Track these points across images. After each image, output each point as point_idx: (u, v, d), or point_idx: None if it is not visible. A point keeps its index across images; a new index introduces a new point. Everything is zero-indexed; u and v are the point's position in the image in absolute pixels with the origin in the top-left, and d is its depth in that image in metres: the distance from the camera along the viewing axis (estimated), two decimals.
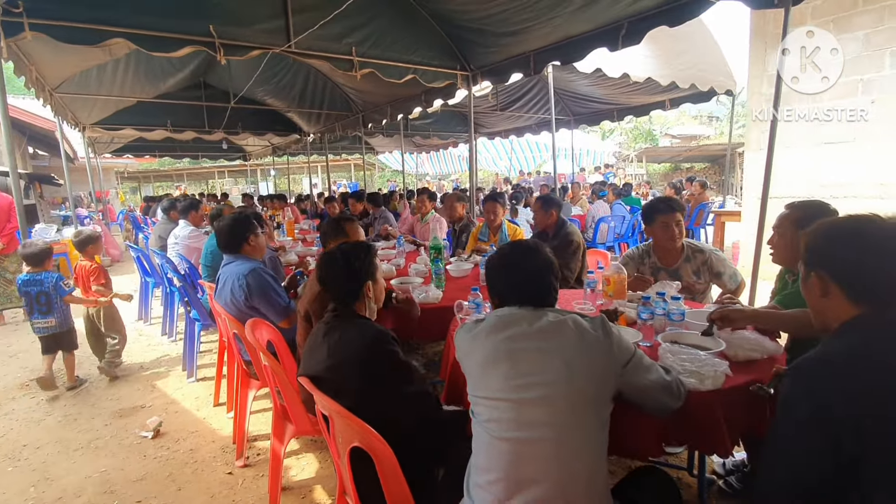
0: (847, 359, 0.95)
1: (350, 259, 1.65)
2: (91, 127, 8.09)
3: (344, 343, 1.48)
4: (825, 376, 0.94)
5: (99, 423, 2.93)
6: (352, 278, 1.63)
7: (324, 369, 1.47)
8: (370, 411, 1.31)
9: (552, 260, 1.37)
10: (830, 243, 1.06)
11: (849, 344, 0.98)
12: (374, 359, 1.46)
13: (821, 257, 1.07)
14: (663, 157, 18.10)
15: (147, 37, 3.67)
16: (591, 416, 1.18)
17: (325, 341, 1.51)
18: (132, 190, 21.92)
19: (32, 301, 3.34)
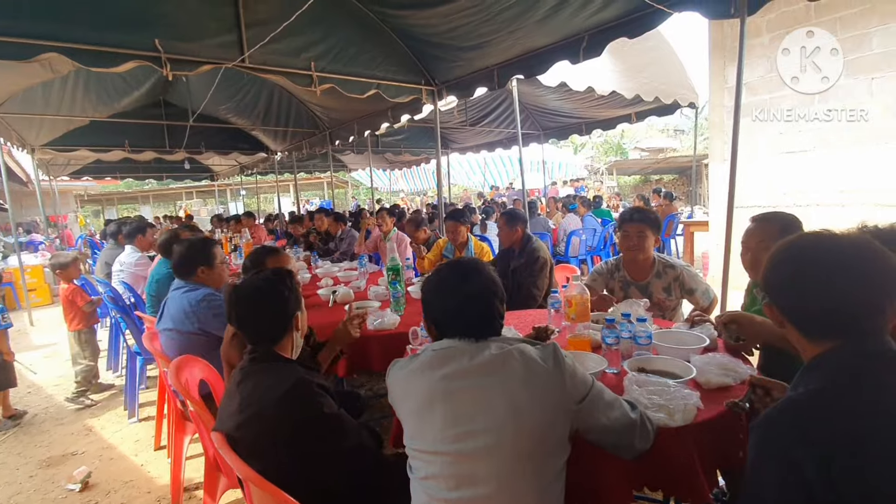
0: (812, 410, 0.82)
1: (276, 288, 1.42)
2: (41, 149, 7.68)
3: (259, 394, 1.26)
4: (792, 433, 0.80)
5: (23, 474, 2.62)
6: (281, 311, 1.41)
7: (235, 426, 1.24)
8: (293, 474, 1.12)
9: (496, 281, 1.20)
10: (774, 273, 0.93)
11: (814, 390, 0.85)
12: (293, 413, 1.23)
13: (768, 288, 0.94)
14: (633, 170, 18.46)
15: (85, 51, 3.43)
16: (543, 465, 1.01)
17: (238, 391, 1.29)
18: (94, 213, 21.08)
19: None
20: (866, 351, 0.83)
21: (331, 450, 1.25)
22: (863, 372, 0.82)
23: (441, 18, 4.12)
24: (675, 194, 8.56)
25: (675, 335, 1.78)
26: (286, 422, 1.21)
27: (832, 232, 0.91)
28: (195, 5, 3.87)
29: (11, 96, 5.30)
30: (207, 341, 2.26)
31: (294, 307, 1.44)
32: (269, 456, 1.19)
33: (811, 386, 0.85)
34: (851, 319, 0.84)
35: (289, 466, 1.17)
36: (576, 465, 1.24)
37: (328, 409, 1.25)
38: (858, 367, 0.82)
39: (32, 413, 3.36)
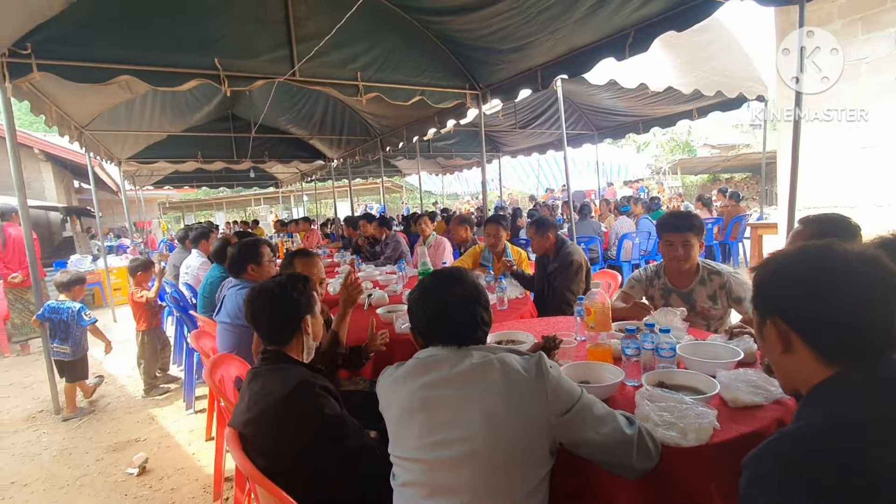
0: (813, 445, 0.70)
1: (287, 291, 1.49)
2: (126, 161, 8.50)
3: (265, 393, 1.31)
4: (783, 477, 0.69)
5: (91, 458, 2.90)
6: (290, 313, 1.47)
7: (242, 424, 1.30)
8: (295, 472, 1.16)
9: (479, 289, 1.19)
10: (789, 279, 0.82)
11: (815, 425, 0.74)
12: (294, 414, 1.26)
13: (776, 298, 0.83)
14: (699, 169, 17.37)
15: (153, 72, 3.79)
16: (518, 477, 0.98)
17: (248, 390, 1.36)
18: (175, 219, 23.02)
19: (55, 327, 3.47)
20: (880, 377, 0.72)
21: (332, 451, 1.27)
22: (874, 404, 0.71)
23: (480, 22, 4.12)
24: (743, 194, 7.94)
25: (707, 348, 1.65)
26: (288, 422, 1.25)
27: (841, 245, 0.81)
28: (251, 26, 4.13)
29: (99, 115, 5.92)
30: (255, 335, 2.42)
31: (304, 311, 1.48)
32: (272, 454, 1.23)
33: (813, 419, 0.75)
34: (868, 339, 0.74)
35: (290, 465, 1.21)
36: (576, 482, 1.19)
37: (329, 411, 1.28)
38: (870, 397, 0.72)
39: (106, 401, 3.72)
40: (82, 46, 3.45)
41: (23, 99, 3.90)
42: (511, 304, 2.72)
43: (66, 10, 3.31)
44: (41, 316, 3.47)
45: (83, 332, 3.58)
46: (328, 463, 1.26)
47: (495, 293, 2.66)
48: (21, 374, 4.51)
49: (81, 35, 3.43)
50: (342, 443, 1.28)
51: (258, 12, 4.12)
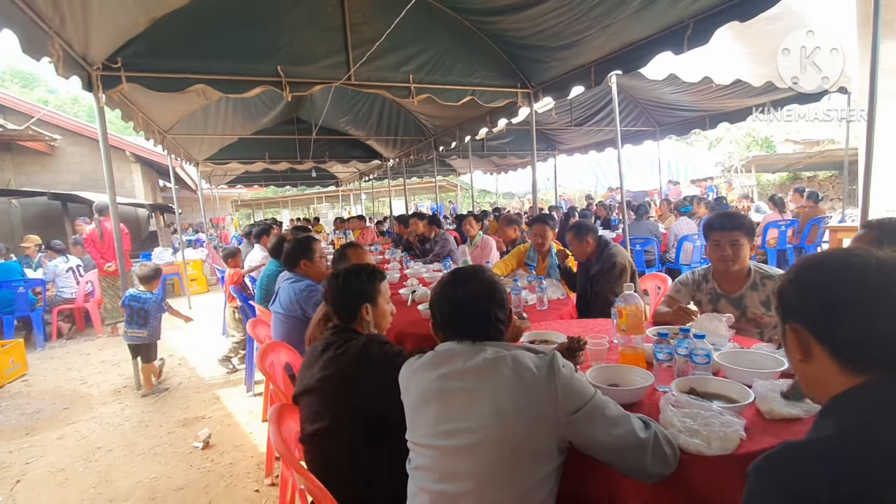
0: (816, 462, 0.67)
1: (350, 279, 1.66)
2: (203, 162, 9.23)
3: (340, 353, 1.49)
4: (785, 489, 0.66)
5: (164, 430, 3.22)
6: (351, 297, 1.63)
7: (317, 380, 1.48)
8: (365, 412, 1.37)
9: (494, 287, 1.22)
10: (808, 285, 0.79)
11: (825, 436, 0.70)
12: (368, 358, 1.45)
13: (795, 305, 0.80)
14: (778, 166, 16.03)
15: (223, 81, 4.11)
16: (522, 470, 1.01)
17: (321, 356, 1.52)
18: (246, 216, 24.61)
19: (133, 314, 3.87)
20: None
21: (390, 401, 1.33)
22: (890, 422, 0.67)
23: (530, 21, 4.09)
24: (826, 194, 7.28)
25: (749, 356, 1.57)
26: (363, 366, 1.44)
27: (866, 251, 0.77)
28: (310, 34, 4.37)
29: (179, 120, 6.49)
30: (305, 325, 2.59)
31: (362, 299, 1.63)
32: (342, 409, 1.41)
33: (823, 433, 0.71)
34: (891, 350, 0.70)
35: (361, 408, 1.39)
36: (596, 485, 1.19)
37: (395, 350, 1.48)
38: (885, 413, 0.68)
39: (178, 381, 4.10)
40: (163, 59, 3.82)
41: (115, 108, 4.37)
42: (551, 304, 2.70)
43: (149, 27, 3.69)
44: (124, 302, 3.88)
45: (160, 318, 3.97)
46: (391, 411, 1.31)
47: (535, 293, 2.65)
48: (110, 353, 5.07)
49: (162, 49, 3.80)
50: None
51: (317, 20, 4.35)
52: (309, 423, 1.46)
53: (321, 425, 1.42)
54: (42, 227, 8.90)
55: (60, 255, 5.93)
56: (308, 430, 1.46)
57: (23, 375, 4.52)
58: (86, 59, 3.50)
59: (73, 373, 4.54)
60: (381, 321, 1.69)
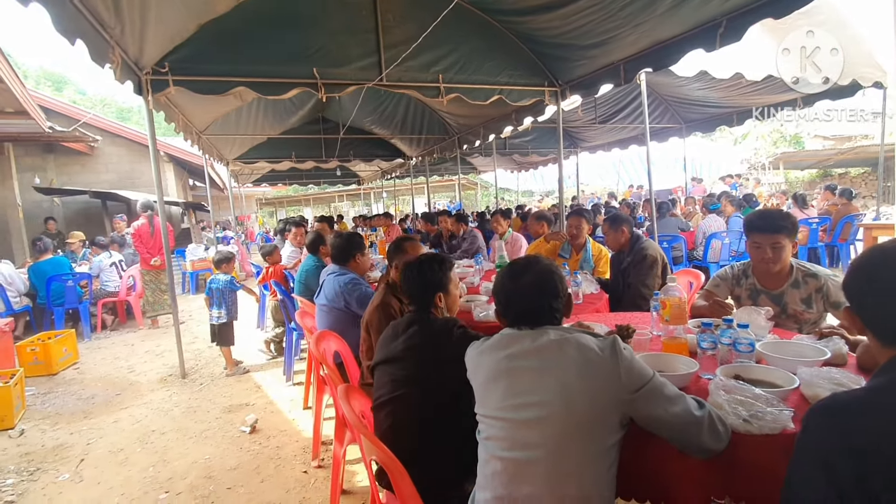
0: (862, 405, 0.79)
1: (424, 269, 1.78)
2: (233, 161, 9.51)
3: (423, 329, 1.64)
4: (830, 434, 0.78)
5: (212, 415, 3.40)
6: (424, 287, 1.76)
7: (402, 350, 1.63)
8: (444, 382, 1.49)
9: (547, 278, 1.30)
10: (857, 275, 0.91)
11: (868, 388, 0.84)
12: (448, 333, 1.59)
13: (848, 291, 0.92)
14: (807, 163, 15.68)
15: (262, 83, 4.27)
16: (587, 441, 1.11)
17: (406, 330, 1.67)
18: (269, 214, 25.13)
19: (213, 297, 4.16)
20: None
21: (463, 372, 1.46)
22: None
23: (562, 20, 4.15)
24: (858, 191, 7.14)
25: (791, 347, 1.63)
26: (445, 338, 1.60)
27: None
28: (344, 37, 4.50)
29: (214, 122, 6.72)
30: (348, 317, 2.75)
31: (437, 288, 1.75)
32: (421, 379, 1.56)
33: (871, 383, 0.84)
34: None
35: (440, 376, 1.53)
36: (649, 459, 1.28)
37: (472, 334, 1.59)
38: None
39: (219, 370, 4.28)
40: (207, 63, 4.00)
41: (159, 110, 4.58)
42: (586, 298, 2.77)
43: (196, 34, 3.87)
44: (208, 292, 4.17)
45: (234, 298, 4.22)
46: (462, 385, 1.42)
47: (570, 288, 2.73)
48: (153, 344, 5.31)
49: (206, 54, 3.98)
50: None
51: (351, 24, 4.47)
52: (388, 390, 1.60)
53: (401, 392, 1.56)
54: (82, 224, 9.30)
55: (104, 250, 6.22)
56: (385, 397, 1.59)
57: (75, 363, 4.78)
58: (137, 64, 3.70)
59: (121, 361, 4.78)
60: (453, 306, 1.83)
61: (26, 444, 3.18)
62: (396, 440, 1.41)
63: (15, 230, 8.45)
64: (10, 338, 4.41)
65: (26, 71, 30.51)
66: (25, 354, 4.44)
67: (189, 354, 4.74)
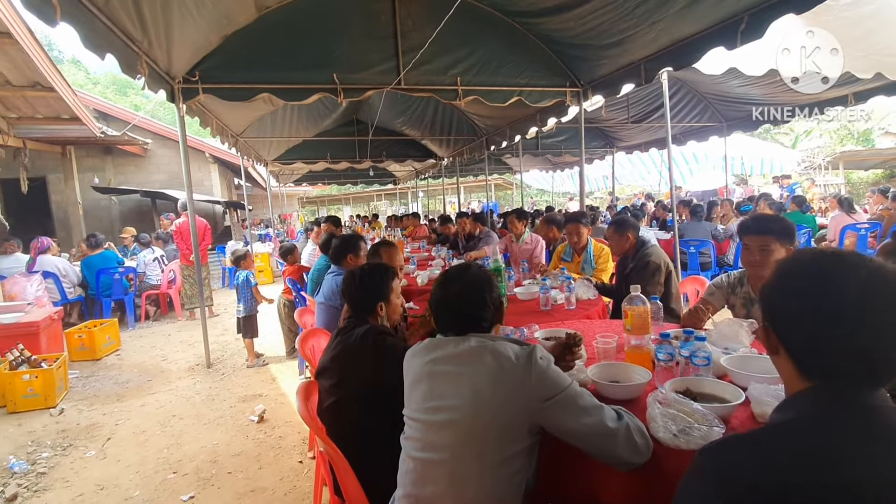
0: (749, 450, 0.70)
1: (365, 278, 1.84)
2: (272, 162, 9.95)
3: (345, 338, 1.69)
4: (712, 472, 0.71)
5: (227, 404, 3.61)
6: (366, 296, 1.81)
7: (329, 359, 1.69)
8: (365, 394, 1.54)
9: (476, 287, 1.32)
10: (777, 288, 0.80)
11: (768, 431, 0.74)
12: (366, 345, 1.62)
13: (766, 305, 0.81)
14: (870, 163, 14.52)
15: (285, 89, 4.47)
16: (491, 447, 1.13)
17: (335, 340, 1.75)
18: (311, 212, 25.99)
19: (237, 291, 4.48)
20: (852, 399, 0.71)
21: (394, 379, 1.45)
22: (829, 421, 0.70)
23: (577, 20, 4.09)
24: None
25: (756, 361, 1.56)
26: (362, 351, 1.62)
27: (859, 257, 0.76)
28: (363, 43, 4.63)
29: (250, 125, 7.08)
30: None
31: (376, 298, 1.81)
32: (347, 384, 1.60)
33: (776, 423, 0.76)
34: (853, 361, 0.72)
35: (361, 391, 1.57)
36: (576, 470, 1.29)
37: (391, 342, 1.61)
38: (830, 413, 0.70)
39: (241, 361, 4.53)
40: (233, 72, 4.24)
41: (194, 115, 4.89)
42: (580, 304, 2.75)
43: (222, 44, 4.11)
44: (232, 287, 4.42)
45: (251, 293, 4.46)
46: (389, 386, 1.50)
47: (564, 293, 2.71)
48: (188, 335, 5.67)
49: (233, 63, 4.21)
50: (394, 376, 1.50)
51: (370, 30, 4.59)
52: (325, 399, 1.67)
53: (333, 399, 1.63)
54: (136, 220, 10.02)
55: (147, 247, 6.70)
56: (324, 404, 1.67)
57: (116, 350, 5.19)
58: (169, 74, 3.97)
59: (157, 350, 5.15)
60: (394, 315, 1.87)
61: (64, 421, 3.50)
62: (339, 443, 1.47)
63: (76, 225, 9.23)
64: (60, 325, 4.84)
65: (97, 78, 32.99)
66: (73, 340, 4.87)
67: (217, 346, 5.04)
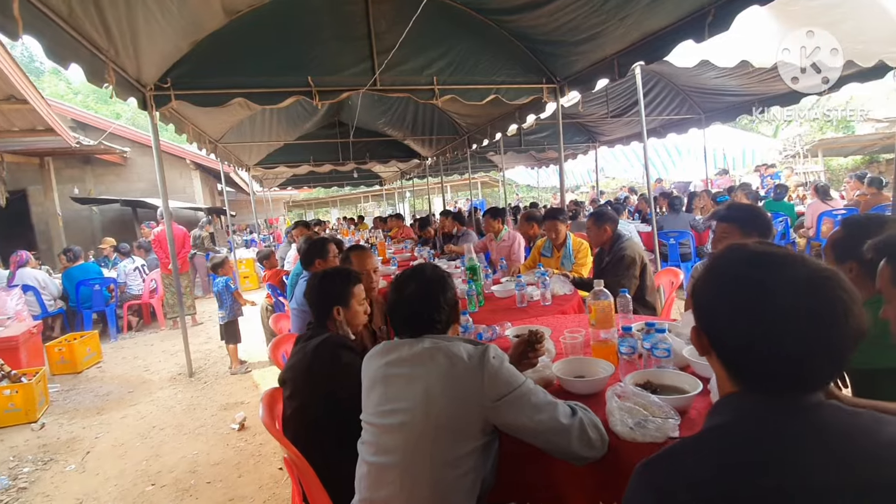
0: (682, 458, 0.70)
1: (325, 281, 1.82)
2: (253, 167, 9.86)
3: (302, 348, 1.66)
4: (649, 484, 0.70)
5: (208, 413, 3.58)
6: (324, 299, 1.79)
7: (287, 370, 1.67)
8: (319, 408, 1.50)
9: (430, 289, 1.31)
10: (706, 287, 0.76)
11: (700, 437, 0.73)
12: (318, 359, 1.58)
13: (695, 304, 0.77)
14: (850, 149, 14.76)
15: (259, 94, 4.43)
16: (442, 447, 1.13)
17: (295, 348, 1.72)
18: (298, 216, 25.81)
19: (218, 298, 4.47)
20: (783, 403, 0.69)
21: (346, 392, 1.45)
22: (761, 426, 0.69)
23: (548, 17, 4.11)
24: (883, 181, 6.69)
25: None
26: (316, 364, 1.58)
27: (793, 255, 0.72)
28: (337, 44, 4.60)
29: (229, 130, 7.01)
30: None
31: (333, 302, 1.78)
32: (305, 395, 1.57)
33: (699, 434, 0.74)
34: (783, 367, 0.69)
35: (316, 401, 1.54)
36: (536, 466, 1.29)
37: (346, 359, 1.56)
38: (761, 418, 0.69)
39: (223, 370, 4.49)
40: (206, 77, 4.19)
41: (168, 123, 4.83)
42: (556, 300, 2.76)
43: (194, 50, 4.06)
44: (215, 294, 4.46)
45: (232, 298, 4.45)
46: (342, 401, 1.49)
47: (538, 289, 2.72)
48: (170, 345, 5.61)
49: (205, 68, 4.17)
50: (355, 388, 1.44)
51: (344, 32, 4.57)
52: (287, 406, 1.66)
53: (294, 407, 1.61)
54: (117, 230, 9.89)
55: (127, 257, 6.62)
56: (287, 412, 1.65)
57: (98, 363, 5.12)
58: (139, 81, 3.92)
59: (139, 361, 5.09)
60: (354, 320, 1.81)
61: (45, 435, 3.45)
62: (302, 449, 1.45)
63: (56, 237, 9.08)
64: (39, 339, 4.76)
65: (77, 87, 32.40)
66: (53, 354, 4.79)
67: (199, 354, 4.99)
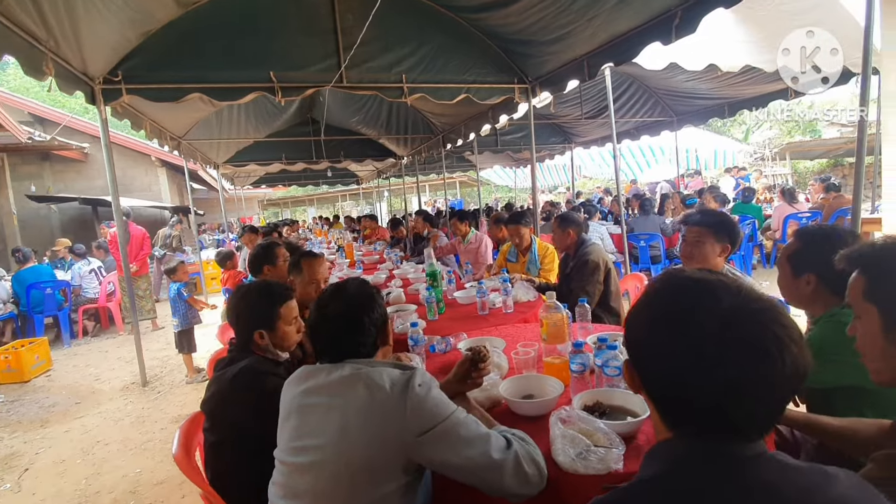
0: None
1: (247, 299, 1.62)
2: (222, 165, 9.56)
3: (219, 377, 1.50)
4: None
5: (158, 426, 3.39)
6: (244, 321, 1.59)
7: (206, 400, 1.51)
8: (238, 441, 1.38)
9: (352, 309, 1.18)
10: (635, 320, 0.72)
11: (631, 489, 0.67)
12: (237, 389, 1.43)
13: (626, 337, 0.73)
14: (816, 153, 15.17)
15: (217, 89, 4.23)
16: (359, 490, 1.00)
17: (213, 378, 1.55)
18: (273, 215, 25.30)
19: (171, 305, 4.27)
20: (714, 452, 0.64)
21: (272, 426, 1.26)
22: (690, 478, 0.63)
23: (518, 16, 4.04)
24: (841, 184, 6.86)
25: None
26: (234, 395, 1.43)
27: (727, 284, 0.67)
28: (302, 39, 4.43)
29: (194, 126, 6.74)
30: None
31: (253, 326, 1.57)
32: (224, 429, 1.43)
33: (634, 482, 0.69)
34: (711, 410, 0.63)
35: (233, 438, 1.40)
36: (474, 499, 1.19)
37: (270, 387, 1.35)
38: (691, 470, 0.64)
39: (180, 378, 4.29)
40: (161, 71, 3.98)
41: (122, 118, 4.59)
42: (518, 307, 2.67)
43: (147, 42, 3.85)
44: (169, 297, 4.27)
45: (186, 305, 4.24)
46: (264, 434, 1.30)
47: (499, 296, 2.64)
48: (126, 351, 5.34)
49: (159, 61, 3.95)
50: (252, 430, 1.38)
51: (308, 26, 4.40)
52: (206, 437, 1.51)
53: (211, 440, 1.47)
54: (77, 230, 9.47)
55: (82, 258, 6.31)
56: (206, 443, 1.51)
57: (47, 371, 4.85)
58: (86, 74, 3.69)
59: (91, 369, 4.84)
60: (283, 342, 1.62)
61: None
62: (220, 485, 1.33)
63: (11, 237, 8.64)
64: None
65: None
66: None
67: (156, 362, 4.77)
